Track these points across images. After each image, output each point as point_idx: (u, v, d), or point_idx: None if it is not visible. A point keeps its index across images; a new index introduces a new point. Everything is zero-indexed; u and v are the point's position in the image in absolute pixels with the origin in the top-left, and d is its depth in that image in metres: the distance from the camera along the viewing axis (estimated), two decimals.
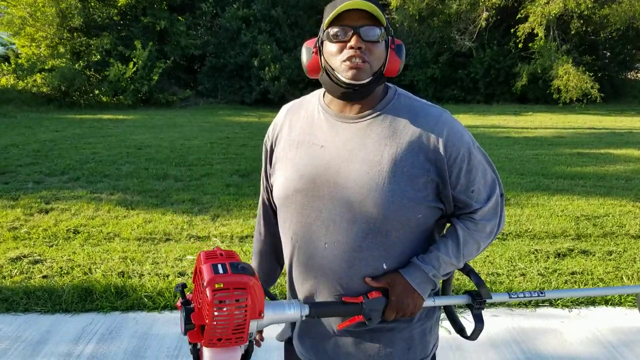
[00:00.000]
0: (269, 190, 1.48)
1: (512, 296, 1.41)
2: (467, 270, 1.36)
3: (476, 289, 1.35)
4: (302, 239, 1.30)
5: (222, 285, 1.06)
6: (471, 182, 1.26)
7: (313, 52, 1.26)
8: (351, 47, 1.17)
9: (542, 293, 1.42)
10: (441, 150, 1.21)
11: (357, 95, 1.22)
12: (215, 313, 1.06)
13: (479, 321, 1.33)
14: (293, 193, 1.29)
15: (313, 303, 1.25)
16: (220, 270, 1.09)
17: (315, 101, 1.35)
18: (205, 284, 1.07)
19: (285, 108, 1.43)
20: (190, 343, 1.16)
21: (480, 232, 1.30)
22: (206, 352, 1.13)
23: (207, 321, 1.07)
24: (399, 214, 1.21)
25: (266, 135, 1.44)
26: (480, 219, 1.29)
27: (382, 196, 1.20)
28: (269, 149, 1.42)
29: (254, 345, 1.27)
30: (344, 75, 1.19)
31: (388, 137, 1.23)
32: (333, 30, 1.19)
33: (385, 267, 1.26)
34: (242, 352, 1.17)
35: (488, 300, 1.35)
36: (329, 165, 1.25)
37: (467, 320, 2.79)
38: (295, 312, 1.21)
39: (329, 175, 1.25)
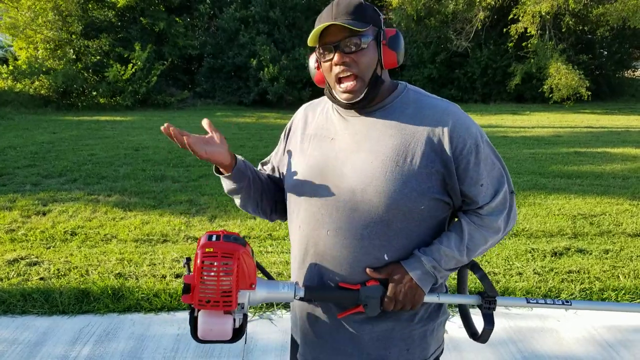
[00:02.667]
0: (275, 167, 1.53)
1: (531, 301, 1.35)
2: (471, 265, 1.35)
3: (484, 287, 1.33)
4: (308, 227, 1.34)
5: (211, 250, 1.17)
6: (479, 175, 1.26)
7: (315, 68, 1.35)
8: (336, 64, 1.23)
9: (567, 302, 1.35)
10: (446, 140, 1.22)
11: (359, 105, 1.28)
12: (204, 274, 1.16)
13: (488, 322, 1.31)
14: (302, 182, 1.34)
15: (309, 286, 1.27)
16: (214, 239, 1.21)
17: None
18: (198, 248, 1.18)
19: (304, 106, 1.51)
20: (189, 313, 1.25)
21: (487, 228, 1.30)
22: (200, 317, 1.21)
23: (197, 282, 1.17)
24: (400, 203, 1.23)
25: (288, 124, 1.52)
26: (487, 214, 1.29)
27: (384, 184, 1.22)
28: (287, 134, 1.50)
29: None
30: (340, 97, 1.27)
31: (394, 128, 1.26)
32: (320, 51, 1.26)
33: (386, 258, 1.28)
34: (235, 324, 1.23)
35: (499, 302, 1.31)
36: (337, 156, 1.30)
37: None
38: (289, 292, 1.25)
39: (336, 165, 1.29)
